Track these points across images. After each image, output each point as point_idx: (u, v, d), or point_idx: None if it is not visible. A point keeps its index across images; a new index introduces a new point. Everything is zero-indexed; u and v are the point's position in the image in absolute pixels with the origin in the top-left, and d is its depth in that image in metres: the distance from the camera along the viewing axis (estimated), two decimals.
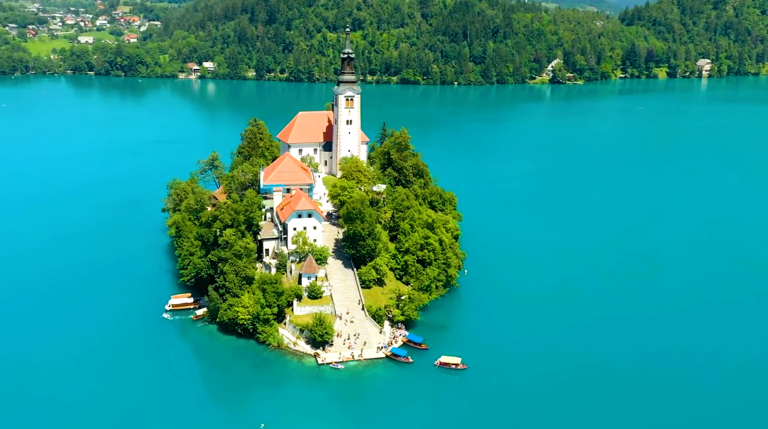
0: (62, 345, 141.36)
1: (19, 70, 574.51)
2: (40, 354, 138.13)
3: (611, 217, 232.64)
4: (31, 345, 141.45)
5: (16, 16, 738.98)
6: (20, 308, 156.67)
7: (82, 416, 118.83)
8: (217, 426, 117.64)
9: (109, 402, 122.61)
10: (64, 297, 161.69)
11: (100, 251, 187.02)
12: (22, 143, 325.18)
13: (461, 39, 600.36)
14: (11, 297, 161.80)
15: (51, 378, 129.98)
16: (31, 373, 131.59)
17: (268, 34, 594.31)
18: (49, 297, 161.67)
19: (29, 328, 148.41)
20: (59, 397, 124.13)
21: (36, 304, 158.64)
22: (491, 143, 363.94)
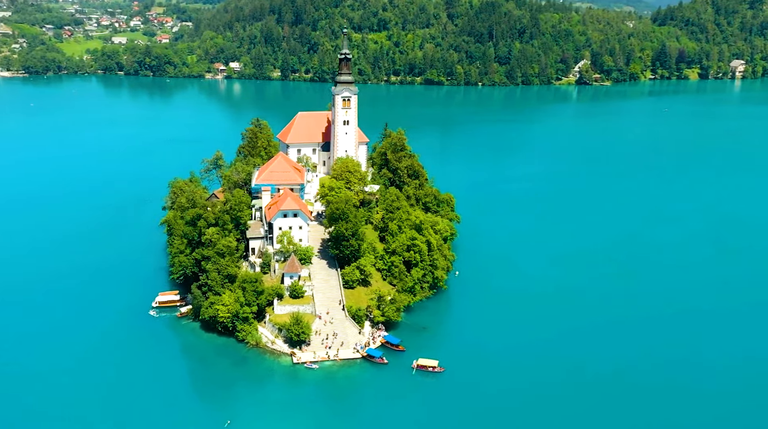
0: (48, 339, 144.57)
1: (52, 70, 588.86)
2: (26, 346, 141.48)
3: (619, 221, 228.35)
4: (20, 338, 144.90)
5: (54, 18, 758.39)
6: (13, 301, 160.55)
7: (51, 408, 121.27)
8: (184, 421, 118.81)
9: (81, 395, 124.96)
10: (57, 292, 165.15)
11: (97, 248, 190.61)
12: (40, 141, 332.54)
13: (486, 39, 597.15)
14: (5, 290, 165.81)
15: (32, 369, 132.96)
16: (15, 364, 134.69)
17: (294, 35, 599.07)
18: (42, 291, 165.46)
19: (19, 321, 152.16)
20: (36, 388, 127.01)
21: (29, 298, 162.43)
22: (510, 144, 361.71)
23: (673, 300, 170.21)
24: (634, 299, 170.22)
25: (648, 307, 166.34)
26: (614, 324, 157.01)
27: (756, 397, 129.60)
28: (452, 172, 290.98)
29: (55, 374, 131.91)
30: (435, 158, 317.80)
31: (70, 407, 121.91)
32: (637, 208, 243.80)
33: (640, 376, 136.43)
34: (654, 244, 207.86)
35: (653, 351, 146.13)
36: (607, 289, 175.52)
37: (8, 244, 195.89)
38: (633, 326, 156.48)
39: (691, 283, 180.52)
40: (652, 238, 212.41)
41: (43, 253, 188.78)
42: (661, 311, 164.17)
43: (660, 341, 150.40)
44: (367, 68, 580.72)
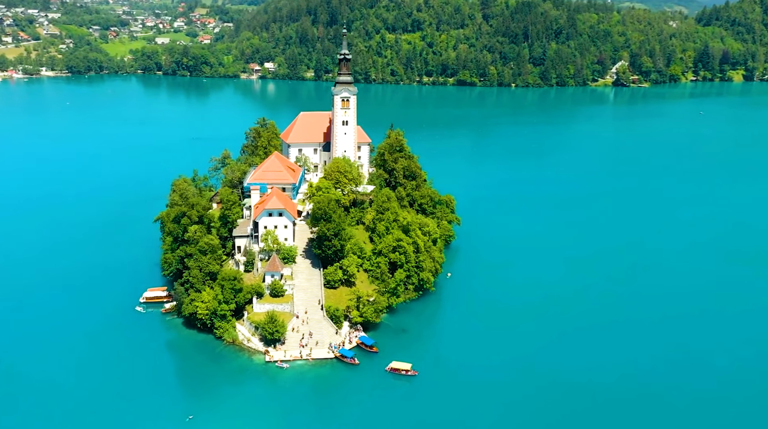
0: (36, 330, 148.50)
1: (94, 70, 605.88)
2: (17, 335, 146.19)
3: (631, 229, 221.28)
4: (15, 327, 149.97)
5: (100, 19, 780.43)
6: (12, 293, 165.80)
7: (23, 395, 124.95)
8: (147, 414, 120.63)
9: (50, 383, 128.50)
10: (53, 285, 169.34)
11: (99, 242, 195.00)
12: (65, 139, 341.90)
13: (521, 40, 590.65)
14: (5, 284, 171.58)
15: (15, 358, 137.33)
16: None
17: (328, 35, 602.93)
18: (39, 284, 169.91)
19: (14, 311, 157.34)
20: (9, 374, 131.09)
21: (24, 288, 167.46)
22: (538, 147, 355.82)
23: (673, 311, 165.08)
24: (624, 309, 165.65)
25: (637, 318, 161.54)
26: (599, 334, 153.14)
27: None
28: (470, 173, 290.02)
29: (34, 363, 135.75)
30: (455, 159, 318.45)
31: (38, 394, 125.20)
32: (653, 214, 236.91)
33: (623, 388, 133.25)
34: (663, 253, 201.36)
35: (634, 364, 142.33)
36: (601, 298, 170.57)
37: (16, 238, 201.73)
38: (617, 336, 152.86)
39: (694, 293, 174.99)
40: (662, 247, 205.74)
41: (46, 246, 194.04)
42: (654, 323, 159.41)
43: (646, 354, 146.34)
44: (399, 69, 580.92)
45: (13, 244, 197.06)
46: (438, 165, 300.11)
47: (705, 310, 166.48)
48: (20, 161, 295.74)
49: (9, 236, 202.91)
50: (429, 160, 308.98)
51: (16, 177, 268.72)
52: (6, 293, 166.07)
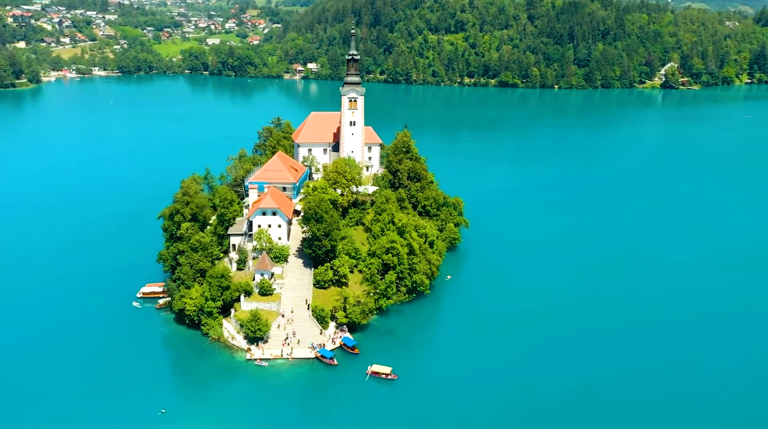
0: (38, 322, 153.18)
1: (143, 70, 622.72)
2: (13, 326, 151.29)
3: (649, 238, 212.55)
4: (11, 318, 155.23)
5: (154, 21, 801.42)
6: (17, 283, 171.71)
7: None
8: (122, 407, 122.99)
9: (37, 373, 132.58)
10: (59, 279, 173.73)
11: (109, 239, 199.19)
12: (100, 137, 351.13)
13: (566, 41, 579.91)
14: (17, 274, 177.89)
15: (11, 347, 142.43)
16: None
17: (371, 36, 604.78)
18: (46, 277, 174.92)
19: (18, 301, 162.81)
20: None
21: (32, 282, 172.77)
22: (574, 150, 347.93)
23: (677, 325, 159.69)
24: (625, 321, 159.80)
25: (635, 331, 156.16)
26: (590, 345, 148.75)
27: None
28: (497, 175, 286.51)
29: (25, 350, 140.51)
30: (485, 161, 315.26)
31: (20, 381, 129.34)
32: (680, 223, 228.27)
33: (607, 404, 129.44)
34: (682, 263, 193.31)
35: (622, 379, 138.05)
36: (602, 309, 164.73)
37: (34, 231, 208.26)
38: (607, 349, 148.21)
39: (705, 305, 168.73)
40: (682, 257, 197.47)
41: (59, 240, 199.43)
42: (653, 336, 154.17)
43: (638, 369, 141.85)
44: (441, 70, 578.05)
45: (29, 236, 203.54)
46: (465, 167, 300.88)
47: (716, 323, 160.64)
48: (51, 158, 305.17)
49: (28, 229, 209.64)
50: (457, 162, 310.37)
51: (43, 173, 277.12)
52: (14, 283, 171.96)
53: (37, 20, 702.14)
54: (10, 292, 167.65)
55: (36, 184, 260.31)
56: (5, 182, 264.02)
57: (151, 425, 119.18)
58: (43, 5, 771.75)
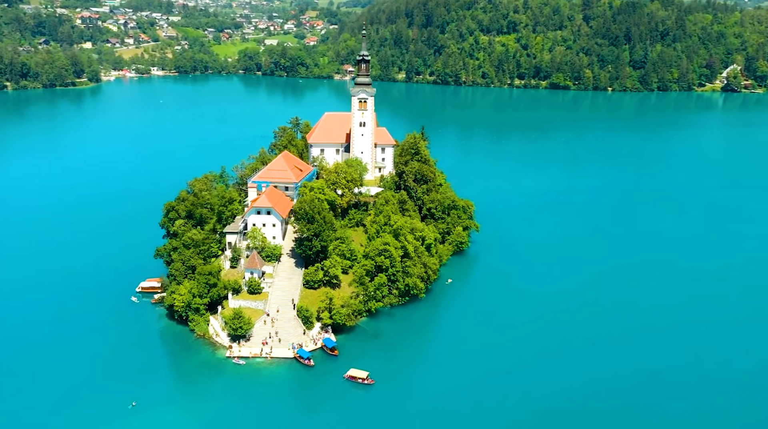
0: (39, 313, 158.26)
1: (199, 70, 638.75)
2: (13, 316, 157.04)
3: (674, 250, 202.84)
4: (12, 309, 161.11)
5: (216, 22, 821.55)
6: (24, 276, 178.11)
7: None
8: (94, 399, 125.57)
9: (23, 361, 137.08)
10: (65, 274, 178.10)
11: (120, 235, 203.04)
12: (140, 136, 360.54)
13: (622, 42, 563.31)
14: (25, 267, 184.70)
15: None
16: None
17: (422, 37, 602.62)
18: (52, 271, 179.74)
19: (20, 294, 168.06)
20: None
21: (38, 276, 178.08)
22: (622, 154, 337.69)
23: (679, 342, 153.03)
24: (627, 334, 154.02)
25: (635, 347, 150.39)
26: (585, 357, 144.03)
27: None
28: (527, 179, 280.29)
29: (22, 341, 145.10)
30: (519, 163, 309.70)
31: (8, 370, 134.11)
32: (713, 232, 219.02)
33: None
34: (703, 274, 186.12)
35: (610, 397, 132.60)
36: (603, 320, 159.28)
37: (50, 226, 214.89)
38: (605, 362, 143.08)
39: (715, 317, 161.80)
40: (703, 268, 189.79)
41: (73, 235, 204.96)
42: (652, 352, 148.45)
43: (629, 385, 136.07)
44: (490, 71, 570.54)
45: (49, 228, 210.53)
46: (501, 169, 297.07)
47: (730, 333, 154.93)
48: (84, 154, 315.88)
49: (49, 221, 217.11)
50: (495, 164, 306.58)
51: (73, 169, 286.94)
52: (24, 272, 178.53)
53: (104, 22, 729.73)
54: (18, 280, 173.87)
55: (64, 180, 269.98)
56: (38, 177, 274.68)
57: (120, 418, 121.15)
58: (111, 7, 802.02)
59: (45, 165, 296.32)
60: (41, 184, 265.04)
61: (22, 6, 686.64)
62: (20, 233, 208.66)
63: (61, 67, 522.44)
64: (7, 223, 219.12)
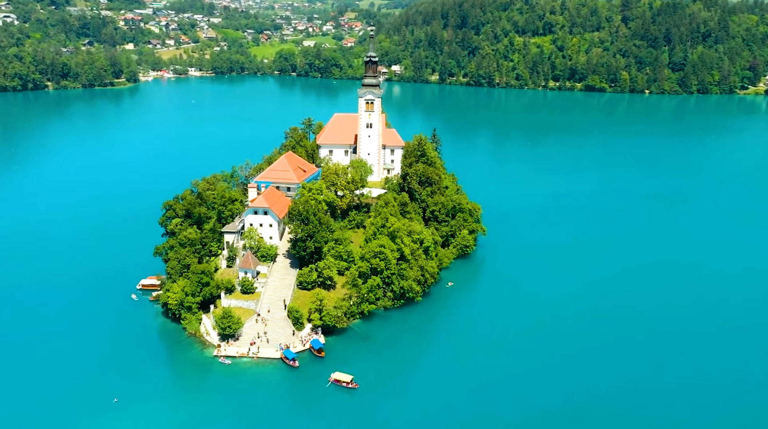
0: (41, 308, 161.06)
1: (235, 71, 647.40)
2: (21, 311, 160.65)
3: (705, 255, 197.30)
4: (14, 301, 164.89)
5: (255, 23, 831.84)
6: (30, 271, 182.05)
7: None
8: (78, 394, 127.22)
9: (18, 354, 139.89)
10: (70, 271, 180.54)
11: (128, 232, 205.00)
12: (164, 135, 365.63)
13: (661, 44, 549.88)
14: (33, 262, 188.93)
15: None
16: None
17: (456, 38, 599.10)
18: (58, 267, 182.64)
19: (19, 290, 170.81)
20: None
21: (45, 267, 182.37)
22: (650, 158, 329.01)
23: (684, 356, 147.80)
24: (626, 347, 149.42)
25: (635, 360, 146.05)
26: (579, 368, 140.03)
27: None
28: (549, 182, 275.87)
29: (19, 336, 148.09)
30: (542, 166, 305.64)
31: None
32: (737, 241, 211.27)
33: None
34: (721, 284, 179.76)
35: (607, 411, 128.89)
36: (605, 330, 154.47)
37: (66, 221, 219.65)
38: (597, 376, 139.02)
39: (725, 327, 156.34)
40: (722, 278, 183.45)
41: (82, 233, 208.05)
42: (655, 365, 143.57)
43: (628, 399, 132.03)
44: (525, 73, 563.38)
45: (59, 225, 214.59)
46: (522, 172, 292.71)
47: (741, 342, 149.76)
48: (107, 152, 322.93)
49: (60, 218, 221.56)
50: (520, 166, 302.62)
51: (98, 167, 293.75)
52: (24, 270, 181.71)
53: (146, 23, 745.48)
54: (21, 274, 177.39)
55: (83, 177, 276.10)
56: (58, 175, 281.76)
57: (101, 413, 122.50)
58: (155, 9, 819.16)
59: (68, 163, 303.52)
60: (61, 181, 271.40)
61: (68, 8, 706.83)
62: (34, 227, 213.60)
63: (100, 67, 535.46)
64: (29, 215, 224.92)
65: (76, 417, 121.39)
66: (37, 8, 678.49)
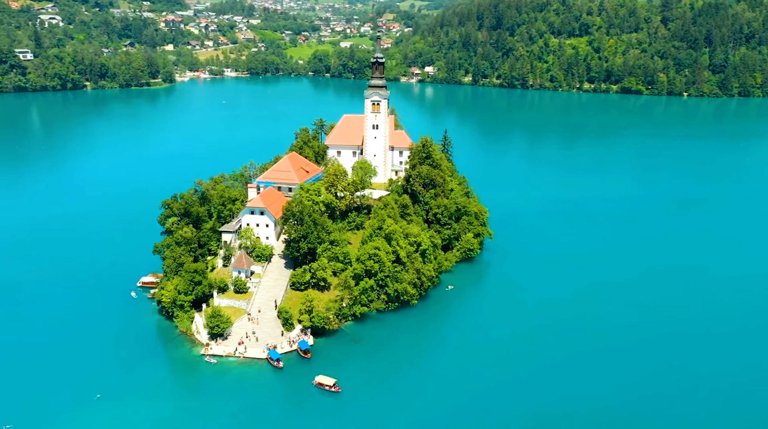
0: (42, 302, 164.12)
1: (270, 72, 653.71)
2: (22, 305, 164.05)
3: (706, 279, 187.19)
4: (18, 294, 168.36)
5: (294, 24, 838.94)
6: (35, 267, 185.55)
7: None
8: (62, 389, 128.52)
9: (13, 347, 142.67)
10: (74, 268, 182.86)
11: (134, 230, 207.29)
12: (189, 135, 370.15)
13: (702, 45, 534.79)
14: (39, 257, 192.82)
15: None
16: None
17: (491, 40, 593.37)
18: (62, 264, 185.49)
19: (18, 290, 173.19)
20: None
21: (50, 263, 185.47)
22: (682, 162, 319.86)
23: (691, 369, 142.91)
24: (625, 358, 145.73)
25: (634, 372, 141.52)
26: (573, 378, 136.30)
27: None
28: (568, 185, 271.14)
29: (15, 332, 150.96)
30: (564, 169, 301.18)
31: None
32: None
33: None
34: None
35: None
36: (605, 340, 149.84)
37: (79, 217, 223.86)
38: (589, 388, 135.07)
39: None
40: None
41: (91, 230, 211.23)
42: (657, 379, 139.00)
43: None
44: (559, 75, 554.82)
45: (73, 222, 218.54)
46: (545, 174, 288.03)
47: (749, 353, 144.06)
48: (133, 151, 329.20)
49: (76, 215, 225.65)
50: (544, 169, 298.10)
51: (119, 165, 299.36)
52: (26, 267, 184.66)
53: (186, 25, 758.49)
54: (21, 273, 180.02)
55: (103, 175, 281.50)
56: (88, 172, 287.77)
57: (83, 408, 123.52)
58: (195, 11, 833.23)
59: (96, 160, 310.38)
60: (86, 178, 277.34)
61: (112, 10, 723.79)
62: (50, 221, 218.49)
63: (137, 68, 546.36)
64: (51, 210, 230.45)
65: (57, 411, 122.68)
66: (81, 10, 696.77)
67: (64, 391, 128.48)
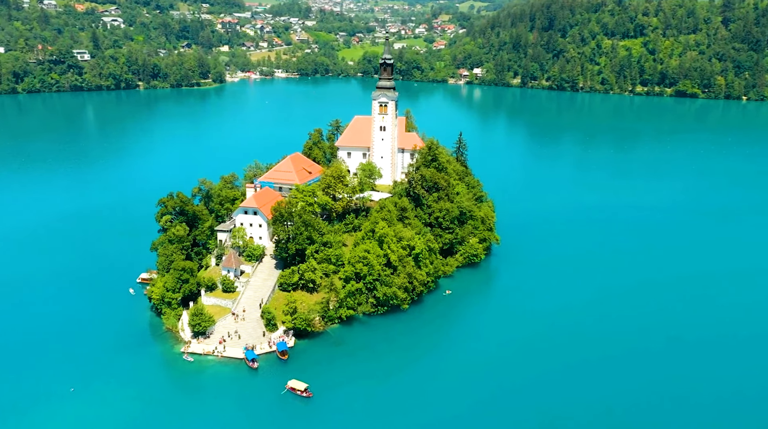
0: (43, 297, 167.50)
1: (320, 73, 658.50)
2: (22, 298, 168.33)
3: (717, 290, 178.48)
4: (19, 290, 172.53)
5: (348, 26, 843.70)
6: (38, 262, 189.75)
7: None
8: (38, 383, 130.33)
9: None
10: (76, 264, 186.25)
11: (138, 229, 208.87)
12: (225, 135, 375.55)
13: (764, 47, 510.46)
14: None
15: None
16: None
17: (541, 41, 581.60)
18: (66, 261, 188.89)
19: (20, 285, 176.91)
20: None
21: (52, 259, 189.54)
22: (730, 170, 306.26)
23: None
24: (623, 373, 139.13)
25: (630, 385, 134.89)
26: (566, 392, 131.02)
27: None
28: (595, 191, 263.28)
29: (10, 327, 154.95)
30: (599, 174, 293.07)
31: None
32: None
33: None
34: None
35: None
36: (604, 352, 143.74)
37: (92, 214, 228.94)
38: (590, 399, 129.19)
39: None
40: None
41: (98, 227, 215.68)
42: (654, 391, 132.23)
43: None
44: (611, 77, 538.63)
45: (88, 220, 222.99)
46: (577, 179, 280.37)
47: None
48: (166, 151, 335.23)
49: (94, 213, 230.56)
50: (577, 174, 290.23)
51: (145, 165, 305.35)
52: (39, 260, 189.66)
53: (242, 26, 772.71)
54: (22, 270, 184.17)
55: (139, 172, 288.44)
56: (120, 170, 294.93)
57: (55, 401, 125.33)
58: (253, 12, 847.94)
59: (134, 158, 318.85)
60: (118, 175, 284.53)
61: (171, 12, 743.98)
62: (72, 219, 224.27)
63: (188, 68, 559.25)
64: (78, 207, 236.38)
65: (30, 403, 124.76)
66: (142, 12, 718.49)
67: (40, 384, 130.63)
